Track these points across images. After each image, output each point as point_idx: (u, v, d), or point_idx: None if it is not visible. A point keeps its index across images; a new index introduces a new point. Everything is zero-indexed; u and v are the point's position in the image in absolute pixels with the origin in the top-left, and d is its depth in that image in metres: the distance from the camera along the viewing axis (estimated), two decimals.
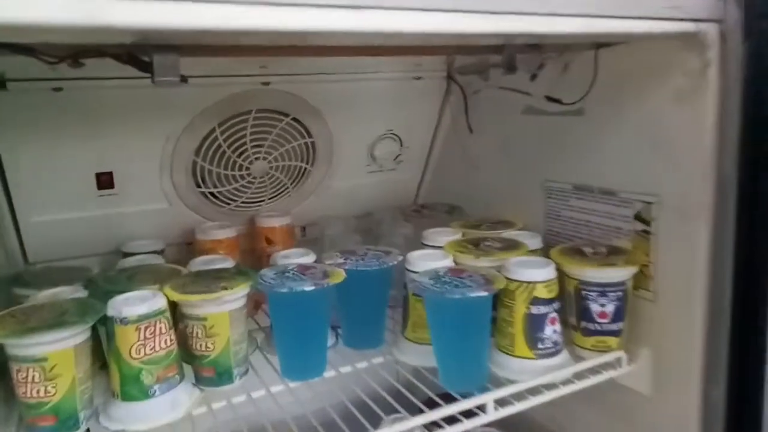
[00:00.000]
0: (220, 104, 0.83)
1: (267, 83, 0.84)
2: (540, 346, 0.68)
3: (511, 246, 0.78)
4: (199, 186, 0.90)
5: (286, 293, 0.64)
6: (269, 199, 0.98)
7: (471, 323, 0.65)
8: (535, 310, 0.68)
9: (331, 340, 0.78)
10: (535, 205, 0.89)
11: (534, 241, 0.82)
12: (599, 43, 0.71)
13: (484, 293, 0.62)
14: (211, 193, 0.92)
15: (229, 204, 0.95)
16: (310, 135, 0.95)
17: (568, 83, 0.80)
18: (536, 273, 0.68)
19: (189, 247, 0.93)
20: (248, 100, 0.85)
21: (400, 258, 0.76)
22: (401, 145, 1.05)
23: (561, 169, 0.84)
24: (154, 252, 0.85)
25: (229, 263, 0.77)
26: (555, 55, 0.76)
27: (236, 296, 0.65)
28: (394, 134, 1.03)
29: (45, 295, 0.67)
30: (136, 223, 0.89)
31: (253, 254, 0.97)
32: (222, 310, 0.65)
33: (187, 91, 0.80)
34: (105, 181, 0.82)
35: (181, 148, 0.85)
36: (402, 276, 0.76)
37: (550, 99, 0.80)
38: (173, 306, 0.65)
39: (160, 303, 0.62)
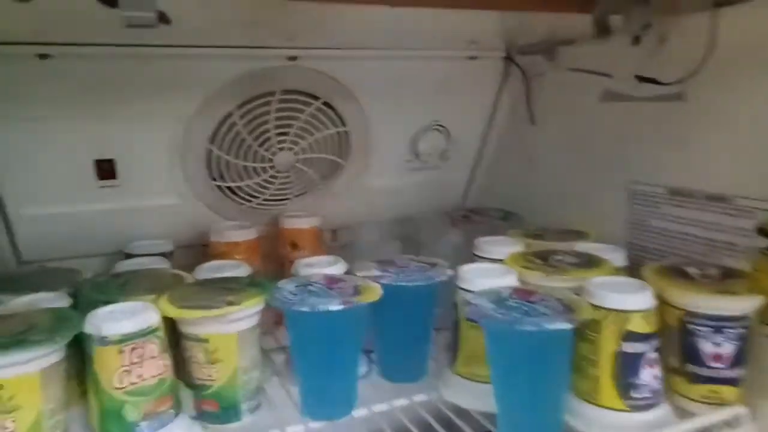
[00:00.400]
0: (239, 82, 0.70)
1: (294, 58, 0.71)
2: (634, 394, 0.52)
3: (590, 262, 0.63)
4: (214, 179, 0.78)
5: (306, 313, 0.51)
6: (295, 196, 0.85)
7: (547, 362, 0.50)
8: (628, 347, 0.52)
9: (363, 369, 0.64)
10: (615, 212, 0.73)
11: (616, 257, 0.66)
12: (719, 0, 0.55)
13: (567, 325, 0.47)
14: (229, 188, 0.80)
15: (249, 201, 0.82)
16: (343, 123, 0.81)
17: (664, 60, 0.64)
18: (631, 299, 0.52)
19: (204, 249, 0.80)
20: (272, 79, 0.72)
21: (450, 272, 0.61)
22: (449, 139, 0.91)
23: (651, 168, 0.68)
24: (161, 254, 0.72)
25: (242, 270, 0.64)
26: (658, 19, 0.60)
27: (245, 314, 0.52)
28: (440, 125, 0.89)
29: (19, 302, 0.56)
30: (142, 221, 0.77)
31: (275, 260, 0.84)
32: (228, 330, 0.52)
33: (199, 64, 0.68)
34: (106, 169, 0.71)
35: (193, 134, 0.72)
36: (449, 293, 0.61)
37: (642, 79, 0.64)
38: (172, 322, 0.52)
39: (152, 319, 0.49)
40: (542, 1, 0.60)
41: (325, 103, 0.78)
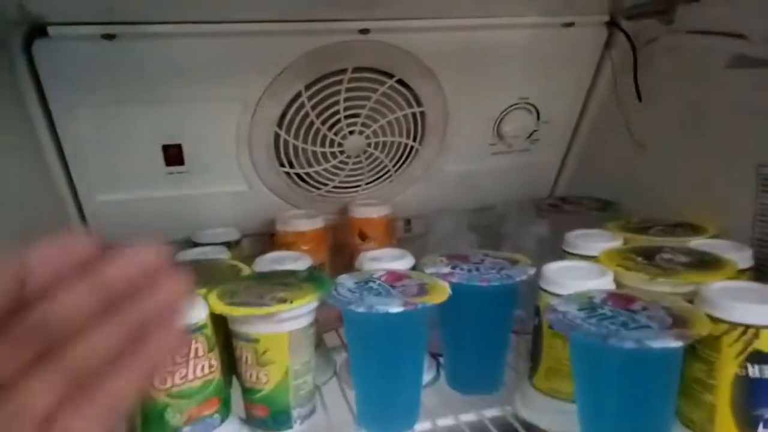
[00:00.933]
0: (307, 59, 0.66)
1: (366, 31, 0.65)
2: (760, 431, 0.42)
3: (708, 263, 0.52)
4: (282, 165, 0.74)
5: (363, 314, 0.45)
6: (367, 184, 0.80)
7: (647, 386, 0.41)
8: (755, 371, 0.42)
9: (428, 375, 0.58)
10: (739, 202, 0.61)
11: (741, 256, 0.54)
12: None
13: (676, 343, 0.38)
14: (297, 175, 0.76)
15: (319, 188, 0.78)
16: (419, 103, 0.74)
17: None
18: (762, 312, 0.42)
19: (272, 237, 0.77)
20: (342, 55, 0.67)
21: (532, 271, 0.53)
22: (538, 119, 0.81)
23: None
24: (226, 243, 0.70)
25: (304, 262, 0.59)
26: None
27: (297, 312, 0.47)
28: (529, 104, 0.79)
29: None
30: (210, 208, 0.75)
31: (344, 251, 0.80)
32: (279, 330, 0.47)
33: (264, 43, 0.64)
34: (173, 155, 0.69)
35: (260, 118, 0.69)
36: (532, 293, 0.53)
37: None
38: (223, 320, 0.49)
39: (198, 315, 0.46)
40: None
41: (400, 81, 0.71)
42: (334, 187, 0.78)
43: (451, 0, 0.64)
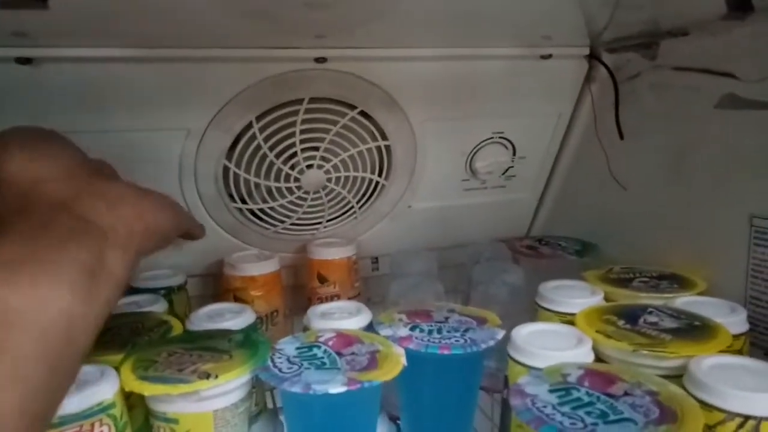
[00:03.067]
0: (258, 89, 0.59)
1: (323, 59, 0.59)
2: None
3: (698, 329, 0.46)
4: (234, 200, 0.68)
5: (299, 395, 0.38)
6: (328, 221, 0.73)
7: None
8: None
9: None
10: (731, 253, 0.55)
11: (735, 320, 0.48)
12: None
13: None
14: (251, 211, 0.69)
15: (275, 225, 0.71)
16: (384, 136, 0.68)
17: None
18: (764, 400, 0.36)
19: (222, 280, 0.70)
20: (298, 85, 0.61)
21: (499, 335, 0.47)
22: (514, 155, 0.76)
23: None
24: (167, 288, 0.63)
25: (245, 317, 0.52)
26: None
27: (224, 389, 0.40)
28: (504, 138, 0.74)
29: None
30: None
31: (302, 294, 0.73)
32: (201, 409, 0.40)
33: (213, 69, 0.57)
34: None
35: (207, 149, 0.62)
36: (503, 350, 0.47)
37: None
38: None
39: (104, 393, 0.39)
40: None
41: (362, 113, 0.65)
42: (292, 224, 0.72)
43: (418, 29, 0.59)
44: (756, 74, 0.50)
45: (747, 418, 0.36)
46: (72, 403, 0.37)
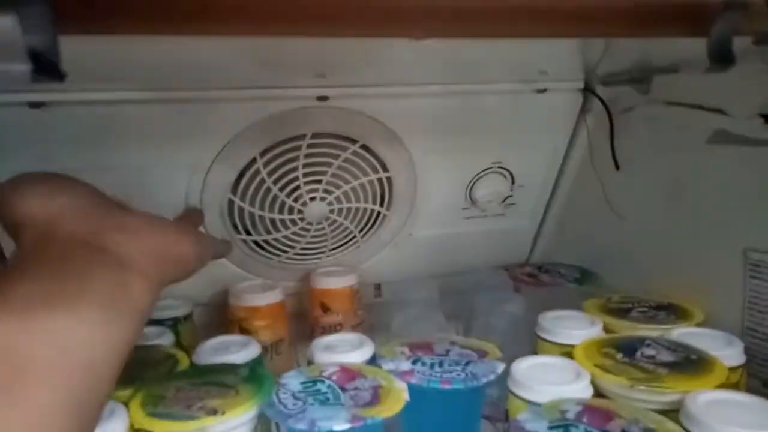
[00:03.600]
0: (262, 126, 0.61)
1: (324, 98, 0.61)
2: None
3: (693, 363, 0.47)
4: (239, 232, 0.69)
5: (305, 431, 0.39)
6: (331, 250, 0.75)
7: None
8: None
9: None
10: (727, 285, 0.56)
11: (732, 352, 0.49)
12: None
13: None
14: (255, 242, 0.70)
15: (279, 255, 0.72)
16: (385, 168, 0.70)
17: None
18: None
19: (227, 309, 0.71)
20: (300, 122, 0.63)
21: (500, 369, 0.48)
22: (512, 183, 0.77)
23: None
24: (174, 319, 0.64)
25: (251, 350, 0.53)
26: None
27: (230, 425, 0.41)
28: (503, 168, 0.75)
29: None
30: None
31: (307, 321, 0.74)
32: None
33: (218, 108, 0.59)
34: None
35: (212, 183, 0.64)
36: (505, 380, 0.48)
37: None
38: None
39: (115, 431, 0.39)
40: (639, 23, 0.38)
41: (363, 147, 0.67)
42: (296, 254, 0.73)
43: (416, 67, 0.61)
44: (745, 112, 0.51)
45: None
46: None
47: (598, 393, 0.46)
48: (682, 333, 0.53)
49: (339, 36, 0.37)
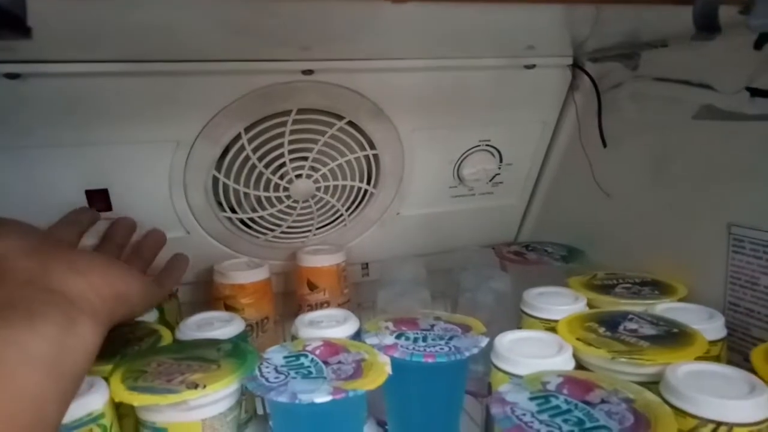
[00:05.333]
0: (246, 101, 0.60)
1: (309, 71, 0.60)
2: None
3: (674, 336, 0.47)
4: (224, 209, 0.68)
5: (286, 404, 0.39)
6: (317, 228, 0.74)
7: None
8: None
9: None
10: (710, 260, 0.57)
11: (711, 327, 0.50)
12: None
13: None
14: (241, 220, 0.70)
15: (265, 234, 0.72)
16: (372, 146, 0.69)
17: None
18: (734, 407, 0.37)
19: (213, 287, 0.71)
20: (285, 96, 0.62)
21: (483, 343, 0.48)
22: (500, 162, 0.77)
23: (760, 209, 0.51)
24: None
25: (235, 326, 0.53)
26: None
27: (212, 398, 0.41)
28: (490, 146, 0.75)
29: None
30: None
31: (293, 300, 0.74)
32: (189, 418, 0.41)
33: (201, 82, 0.58)
34: (99, 201, 0.62)
35: (196, 160, 0.63)
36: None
37: (755, 93, 0.48)
38: None
39: (94, 404, 0.39)
40: None
41: (350, 123, 0.66)
42: (282, 232, 0.73)
43: (403, 41, 0.60)
44: (732, 86, 0.51)
45: (719, 424, 0.37)
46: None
47: (580, 366, 0.46)
48: (664, 308, 0.54)
49: None
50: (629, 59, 0.62)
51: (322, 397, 0.39)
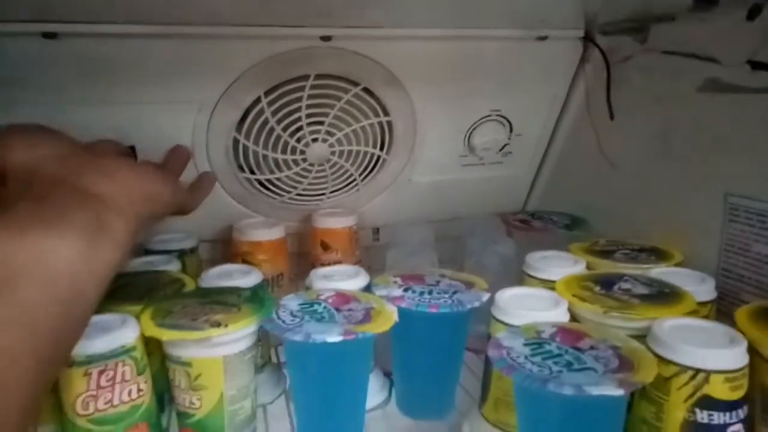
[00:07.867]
0: (266, 65, 0.63)
1: (328, 38, 0.63)
2: None
3: (665, 295, 0.50)
4: (243, 171, 0.72)
5: (299, 343, 0.43)
6: (331, 192, 0.77)
7: (588, 430, 0.39)
8: (703, 416, 0.40)
9: (381, 396, 0.56)
10: (707, 228, 0.59)
11: (702, 289, 0.52)
12: None
13: (616, 391, 0.36)
14: (259, 181, 0.73)
15: (281, 195, 0.75)
16: (386, 112, 0.72)
17: None
18: (713, 355, 0.40)
19: (231, 245, 0.75)
20: (303, 62, 0.64)
21: (485, 298, 0.51)
22: (510, 132, 0.79)
23: (757, 179, 0.53)
24: (180, 251, 0.68)
25: (253, 277, 0.57)
26: None
27: (233, 337, 0.45)
28: (501, 116, 0.77)
29: None
30: None
31: (307, 260, 0.78)
32: (212, 354, 0.45)
33: (223, 46, 0.61)
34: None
35: (217, 122, 0.66)
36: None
37: (755, 65, 0.50)
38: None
39: (126, 337, 0.43)
40: None
41: (365, 90, 0.69)
42: (298, 194, 0.76)
43: (420, 10, 0.62)
44: (736, 59, 0.53)
45: (698, 371, 0.40)
46: (98, 345, 0.42)
47: (575, 320, 0.49)
48: (659, 272, 0.56)
49: None
50: (639, 33, 0.63)
51: (333, 338, 0.42)
